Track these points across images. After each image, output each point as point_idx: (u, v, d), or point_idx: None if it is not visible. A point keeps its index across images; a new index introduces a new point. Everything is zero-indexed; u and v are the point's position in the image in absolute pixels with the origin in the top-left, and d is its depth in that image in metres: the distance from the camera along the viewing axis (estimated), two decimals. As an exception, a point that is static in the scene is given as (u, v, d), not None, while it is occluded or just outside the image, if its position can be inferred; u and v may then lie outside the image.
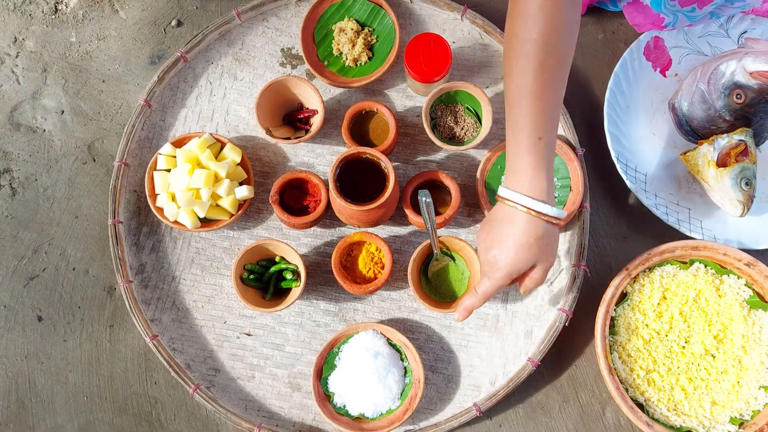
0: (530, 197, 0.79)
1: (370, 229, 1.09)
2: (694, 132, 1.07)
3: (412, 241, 1.09)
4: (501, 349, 1.04)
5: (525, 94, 0.75)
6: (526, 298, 1.06)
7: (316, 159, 1.11)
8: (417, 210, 1.04)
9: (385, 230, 1.09)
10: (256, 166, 1.10)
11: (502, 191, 0.82)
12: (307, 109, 1.10)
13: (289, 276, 1.01)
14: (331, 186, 0.97)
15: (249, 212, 1.10)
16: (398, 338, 1.02)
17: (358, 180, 1.01)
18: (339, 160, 0.97)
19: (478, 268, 0.99)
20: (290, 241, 1.08)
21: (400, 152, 1.11)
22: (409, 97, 1.13)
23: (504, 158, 1.07)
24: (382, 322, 1.06)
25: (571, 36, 0.77)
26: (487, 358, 1.04)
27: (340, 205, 0.98)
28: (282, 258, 1.04)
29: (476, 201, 1.08)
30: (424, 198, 0.96)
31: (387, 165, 0.98)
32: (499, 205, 0.84)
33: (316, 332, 1.06)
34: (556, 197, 1.06)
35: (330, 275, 1.07)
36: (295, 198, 1.06)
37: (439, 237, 1.01)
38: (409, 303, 1.07)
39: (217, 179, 1.04)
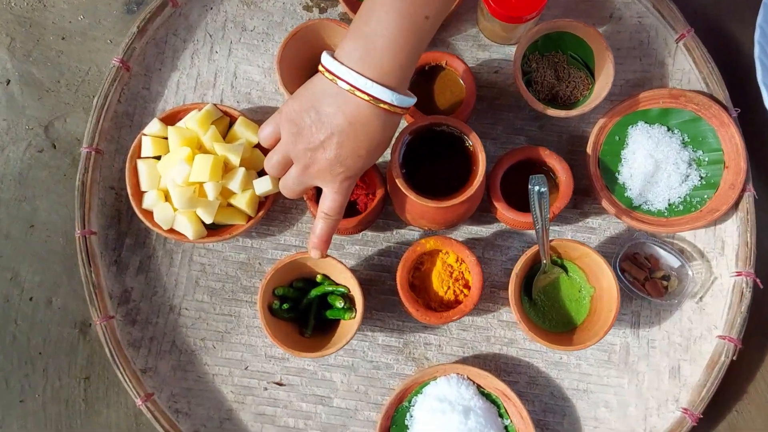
0: (396, 92, 0.58)
1: (445, 232, 0.79)
2: None
3: (499, 246, 0.79)
4: (637, 395, 0.75)
5: None
6: (665, 320, 0.76)
7: (361, 136, 0.81)
8: (509, 202, 0.74)
9: (461, 231, 0.79)
10: (279, 148, 0.79)
11: (358, 79, 0.58)
12: (349, 65, 0.79)
13: (339, 304, 0.71)
14: (395, 172, 0.67)
15: (272, 212, 0.79)
16: (494, 385, 0.72)
17: (429, 163, 0.71)
18: (403, 137, 0.67)
19: (609, 282, 0.70)
20: (333, 251, 0.78)
21: (472, 123, 0.81)
22: (483, 46, 0.82)
23: (623, 126, 0.78)
24: (464, 360, 0.76)
25: None
26: (618, 408, 0.75)
27: (407, 199, 0.68)
28: (325, 277, 0.74)
29: (586, 186, 0.78)
30: (538, 186, 0.66)
31: (473, 140, 0.68)
32: (335, 88, 0.59)
33: (375, 378, 0.76)
34: (704, 176, 0.76)
35: (388, 296, 0.77)
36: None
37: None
38: (500, 331, 0.77)
39: (227, 168, 0.74)
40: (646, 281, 0.76)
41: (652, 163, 0.76)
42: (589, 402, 0.75)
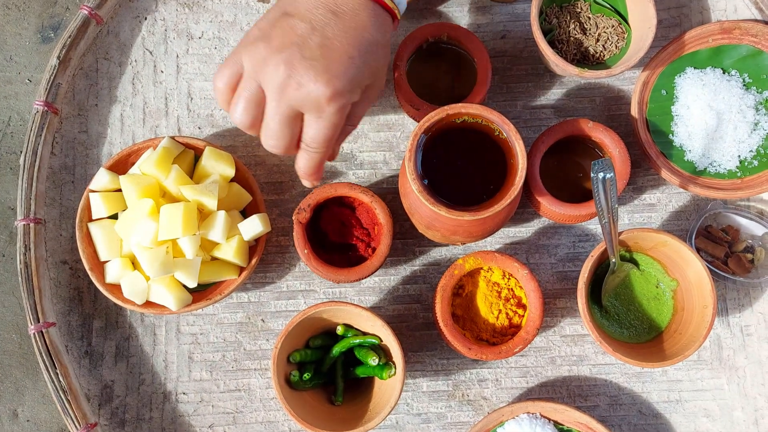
0: None
1: (480, 244, 0.65)
2: None
3: (544, 246, 0.65)
4: (741, 395, 0.62)
5: None
6: (756, 300, 0.63)
7: (354, 144, 0.66)
8: (553, 192, 0.60)
9: (495, 237, 0.66)
10: (260, 176, 0.65)
11: None
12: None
13: (372, 361, 0.56)
14: (414, 185, 0.52)
15: (267, 254, 0.65)
16: (574, 419, 0.59)
17: (451, 166, 0.57)
18: (417, 138, 0.53)
19: (697, 272, 0.57)
20: (347, 290, 0.64)
21: (487, 104, 0.67)
22: (482, 8, 0.68)
23: (668, 76, 0.64)
24: (529, 392, 0.63)
25: None
26: (722, 415, 0.62)
27: (434, 216, 0.55)
28: (347, 327, 0.60)
29: (636, 156, 0.65)
30: (603, 173, 0.52)
31: (505, 128, 0.54)
32: None
33: (428, 433, 0.63)
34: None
35: (424, 332, 0.64)
36: (338, 223, 0.61)
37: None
38: (565, 349, 0.64)
39: (203, 215, 0.59)
40: (727, 258, 0.63)
41: (712, 116, 0.62)
42: (686, 414, 0.63)
